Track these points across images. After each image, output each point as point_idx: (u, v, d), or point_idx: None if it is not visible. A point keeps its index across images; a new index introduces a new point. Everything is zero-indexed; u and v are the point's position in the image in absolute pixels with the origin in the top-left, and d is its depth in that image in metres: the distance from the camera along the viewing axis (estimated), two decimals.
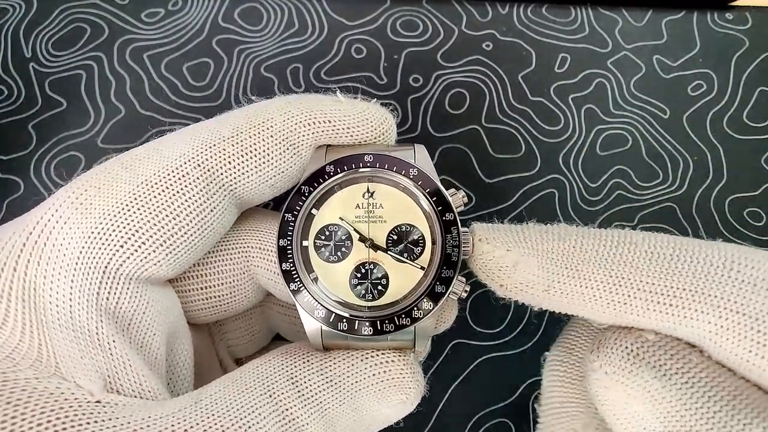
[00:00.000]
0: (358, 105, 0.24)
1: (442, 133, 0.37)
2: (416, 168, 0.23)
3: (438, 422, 0.33)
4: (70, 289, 0.20)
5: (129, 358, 0.21)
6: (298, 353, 0.22)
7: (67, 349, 0.20)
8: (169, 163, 0.22)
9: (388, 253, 0.23)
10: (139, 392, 0.21)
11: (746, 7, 0.39)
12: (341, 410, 0.21)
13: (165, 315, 0.23)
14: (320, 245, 0.23)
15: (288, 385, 0.21)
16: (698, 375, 0.19)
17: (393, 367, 0.22)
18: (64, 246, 0.20)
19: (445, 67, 0.38)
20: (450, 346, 0.34)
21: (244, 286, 0.26)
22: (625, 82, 0.38)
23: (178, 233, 0.22)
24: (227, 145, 0.23)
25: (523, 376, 0.33)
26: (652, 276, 0.20)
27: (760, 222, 0.36)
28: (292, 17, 0.38)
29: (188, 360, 0.25)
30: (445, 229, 0.23)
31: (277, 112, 0.23)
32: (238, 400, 0.20)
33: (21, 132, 0.35)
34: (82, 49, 0.37)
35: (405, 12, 0.39)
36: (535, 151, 0.36)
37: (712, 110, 0.37)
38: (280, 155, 0.23)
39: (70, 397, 0.19)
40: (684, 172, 0.36)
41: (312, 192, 0.23)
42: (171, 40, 0.37)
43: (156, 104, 0.36)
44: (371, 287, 0.23)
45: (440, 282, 0.23)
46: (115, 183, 0.22)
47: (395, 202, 0.24)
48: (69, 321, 0.20)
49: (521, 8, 0.39)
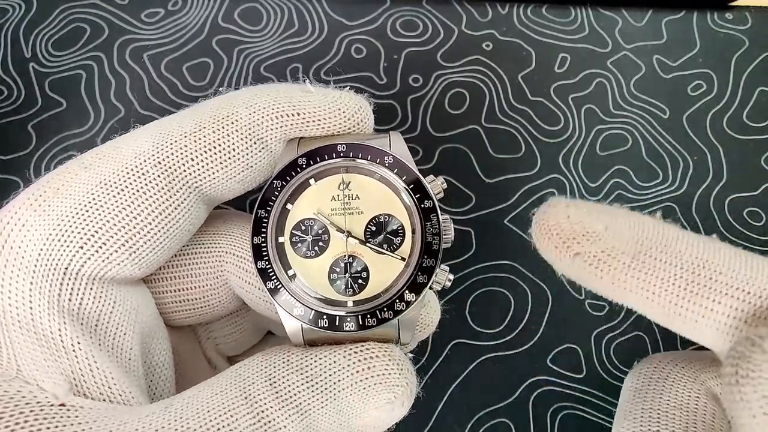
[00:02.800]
0: (330, 94, 0.23)
1: (442, 133, 0.37)
2: (392, 155, 0.23)
3: (438, 422, 0.33)
4: (29, 292, 0.20)
5: (96, 360, 0.20)
6: (278, 352, 0.21)
7: (29, 352, 0.19)
8: (128, 161, 0.21)
9: (366, 245, 0.23)
10: (108, 395, 0.20)
11: (746, 7, 0.39)
12: (323, 412, 0.20)
13: (136, 314, 0.22)
14: (297, 241, 0.23)
15: (265, 385, 0.20)
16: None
17: (377, 362, 0.21)
18: (23, 249, 0.20)
19: (445, 67, 0.38)
20: (450, 346, 0.34)
21: (218, 290, 0.25)
22: (625, 82, 0.38)
23: (140, 233, 0.21)
24: (189, 141, 0.22)
25: (523, 376, 0.33)
26: (734, 266, 0.19)
27: (760, 222, 0.36)
28: (292, 17, 0.38)
29: (167, 360, 0.24)
30: (425, 217, 0.22)
31: (242, 105, 0.23)
32: (210, 402, 0.19)
33: (21, 132, 0.35)
34: (82, 49, 0.37)
35: (405, 12, 0.39)
36: (535, 151, 0.36)
37: (712, 110, 0.37)
38: (247, 150, 0.23)
39: (32, 401, 0.18)
40: (684, 172, 0.36)
41: (285, 186, 0.23)
42: (171, 40, 0.37)
43: (156, 104, 0.36)
44: (351, 281, 0.23)
45: (422, 272, 0.22)
46: (73, 183, 0.21)
47: (372, 192, 0.23)
48: (30, 323, 0.19)
49: (521, 8, 0.39)
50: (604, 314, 0.34)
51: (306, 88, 0.23)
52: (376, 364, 0.21)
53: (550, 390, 0.33)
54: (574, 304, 0.34)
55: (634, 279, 0.20)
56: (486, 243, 0.35)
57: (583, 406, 0.33)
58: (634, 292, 0.20)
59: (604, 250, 0.20)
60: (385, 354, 0.21)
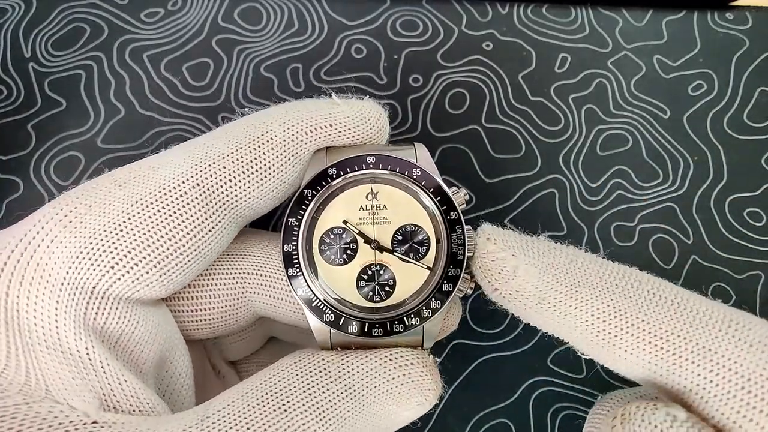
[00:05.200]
0: (355, 105, 0.24)
1: (442, 133, 0.37)
2: (419, 168, 0.23)
3: (438, 422, 0.33)
4: (55, 311, 0.19)
5: (123, 374, 0.20)
6: (312, 361, 0.21)
7: (56, 371, 0.19)
8: (166, 182, 0.21)
9: (393, 254, 0.23)
10: (137, 407, 0.20)
11: (746, 7, 0.39)
12: (360, 417, 0.20)
13: (156, 332, 0.22)
14: (325, 249, 0.23)
15: (304, 397, 0.20)
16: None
17: (413, 369, 0.21)
18: (50, 266, 0.19)
19: (445, 67, 0.38)
20: (450, 346, 0.34)
21: (237, 310, 0.25)
22: (625, 82, 0.38)
23: (173, 254, 0.21)
24: (227, 162, 0.22)
25: (523, 376, 0.33)
26: (651, 315, 0.19)
27: (760, 222, 0.36)
28: (292, 17, 0.38)
29: (187, 371, 0.24)
30: (450, 228, 0.23)
31: (276, 122, 0.23)
32: (248, 416, 0.19)
33: (20, 132, 0.35)
34: (82, 49, 0.37)
35: (405, 12, 0.39)
36: (535, 151, 0.36)
37: (712, 110, 0.37)
38: (282, 167, 0.23)
39: (64, 421, 0.18)
40: (684, 172, 0.36)
41: (315, 195, 0.23)
42: (171, 40, 0.37)
43: (156, 104, 0.36)
44: (378, 288, 0.23)
45: (447, 281, 0.23)
46: (107, 201, 0.21)
47: (399, 202, 0.24)
48: (57, 342, 0.19)
49: (521, 8, 0.39)
50: None
51: (332, 101, 0.24)
52: (412, 371, 0.21)
53: (550, 390, 0.33)
54: None
55: (545, 319, 0.21)
56: None
57: (583, 406, 0.33)
58: (549, 329, 0.22)
59: (516, 290, 0.21)
60: (419, 361, 0.22)
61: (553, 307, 0.21)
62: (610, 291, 0.20)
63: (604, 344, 0.20)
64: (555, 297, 0.21)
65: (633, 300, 0.20)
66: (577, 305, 0.20)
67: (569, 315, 0.20)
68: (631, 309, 0.20)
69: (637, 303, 0.20)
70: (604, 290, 0.20)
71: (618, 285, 0.20)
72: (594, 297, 0.20)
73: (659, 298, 0.20)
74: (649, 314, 0.19)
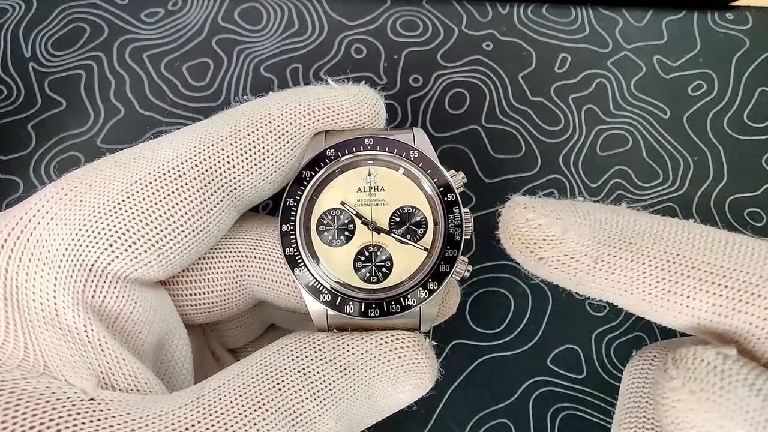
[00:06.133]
0: (351, 89, 0.24)
1: (442, 133, 0.37)
2: (417, 150, 0.24)
3: (438, 422, 0.33)
4: (54, 287, 0.19)
5: (121, 353, 0.20)
6: (308, 341, 0.22)
7: (55, 348, 0.19)
8: (165, 163, 0.22)
9: (391, 236, 0.23)
10: (135, 385, 0.20)
11: (746, 7, 0.39)
12: (355, 399, 0.21)
13: (153, 315, 0.22)
14: (323, 230, 0.24)
15: (299, 376, 0.20)
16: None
17: (408, 352, 0.22)
18: (49, 242, 0.20)
19: (445, 67, 0.38)
20: (450, 346, 0.34)
21: (236, 294, 0.25)
22: (625, 82, 0.38)
23: (171, 234, 0.21)
24: (226, 144, 0.22)
25: (523, 376, 0.33)
26: (710, 256, 0.19)
27: (761, 222, 0.36)
28: (292, 17, 0.38)
29: (186, 356, 0.24)
30: (447, 210, 0.23)
31: (275, 106, 0.23)
32: (244, 396, 0.19)
33: (20, 132, 0.35)
34: (82, 49, 0.37)
35: (405, 12, 0.39)
36: (535, 151, 0.36)
37: (712, 110, 0.37)
38: (280, 149, 0.23)
39: (62, 397, 0.18)
40: (684, 172, 0.36)
41: (313, 177, 0.23)
42: (171, 40, 0.37)
43: (156, 104, 0.36)
44: (375, 270, 0.23)
45: (444, 262, 0.23)
46: (107, 180, 0.21)
47: (396, 184, 0.24)
48: (55, 319, 0.19)
49: (521, 8, 0.39)
50: (604, 314, 0.34)
51: (329, 86, 0.24)
52: (407, 354, 0.21)
53: (550, 390, 0.33)
54: (574, 304, 0.34)
55: (600, 279, 0.20)
56: (486, 243, 0.35)
57: (583, 407, 0.33)
58: (603, 290, 0.20)
59: (566, 253, 0.20)
60: (415, 344, 0.22)
61: (608, 264, 0.19)
62: (665, 238, 0.19)
63: (665, 293, 0.19)
64: (610, 252, 0.19)
65: (689, 243, 0.19)
66: (634, 257, 0.19)
67: (627, 269, 0.19)
68: (689, 252, 0.19)
69: (694, 245, 0.19)
70: (659, 237, 0.19)
71: (669, 231, 0.20)
72: (651, 245, 0.19)
73: (711, 239, 0.19)
74: (708, 255, 0.19)
